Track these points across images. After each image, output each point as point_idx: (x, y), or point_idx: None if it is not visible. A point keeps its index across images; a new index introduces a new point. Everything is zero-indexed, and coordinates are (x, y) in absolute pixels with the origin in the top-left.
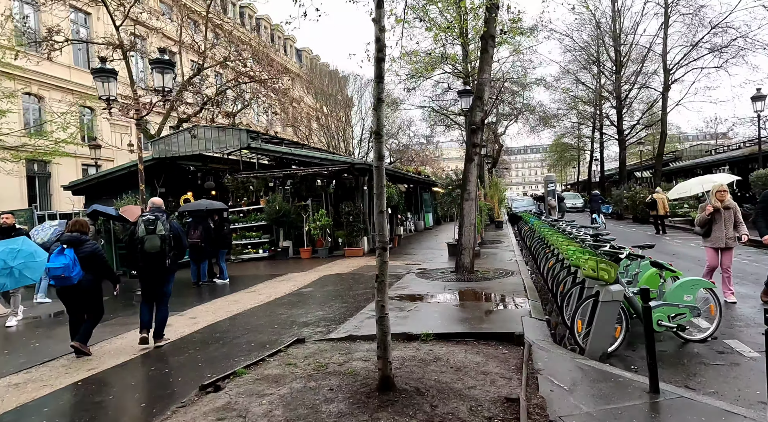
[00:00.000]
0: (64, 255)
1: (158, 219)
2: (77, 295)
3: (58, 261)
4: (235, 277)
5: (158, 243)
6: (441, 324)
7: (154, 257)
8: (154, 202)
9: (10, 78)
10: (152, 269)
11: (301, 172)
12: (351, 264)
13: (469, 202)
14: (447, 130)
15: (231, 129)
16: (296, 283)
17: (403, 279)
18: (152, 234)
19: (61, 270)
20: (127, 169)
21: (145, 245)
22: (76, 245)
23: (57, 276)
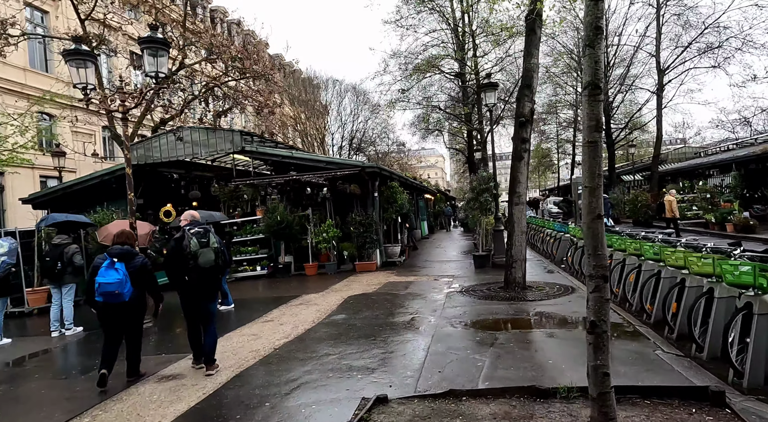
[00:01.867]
0: (116, 269)
1: (209, 232)
2: (124, 314)
3: (110, 277)
4: (237, 301)
5: (213, 257)
6: (567, 369)
7: (209, 272)
8: (194, 216)
9: None
10: (205, 286)
11: (305, 178)
12: (369, 281)
13: (520, 206)
14: (436, 135)
15: (222, 130)
16: (320, 308)
17: (452, 299)
18: (206, 248)
19: (116, 286)
20: (99, 178)
21: (199, 260)
22: (127, 259)
23: (109, 293)
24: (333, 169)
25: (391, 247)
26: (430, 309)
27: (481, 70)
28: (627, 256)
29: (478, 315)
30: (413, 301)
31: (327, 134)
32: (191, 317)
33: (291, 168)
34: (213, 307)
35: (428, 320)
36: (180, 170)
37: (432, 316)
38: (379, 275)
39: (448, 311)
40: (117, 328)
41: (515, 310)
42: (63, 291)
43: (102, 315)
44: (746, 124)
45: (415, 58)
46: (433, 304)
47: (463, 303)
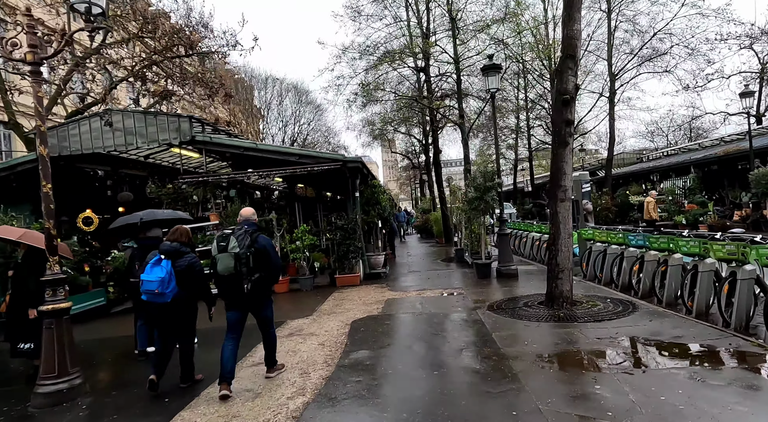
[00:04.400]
0: (161, 267)
1: (233, 234)
2: (168, 316)
3: (153, 274)
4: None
5: (231, 263)
6: None
7: (229, 281)
8: (242, 214)
9: None
10: (232, 295)
11: (274, 174)
12: (363, 299)
13: (565, 203)
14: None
15: (166, 115)
16: (323, 341)
17: (493, 321)
18: (224, 254)
19: (156, 284)
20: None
21: (218, 266)
22: (175, 257)
23: (150, 291)
24: (308, 163)
25: (374, 257)
26: (478, 338)
27: (462, 59)
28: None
29: (555, 346)
30: (444, 325)
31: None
32: (228, 325)
33: (253, 164)
34: (266, 313)
35: (495, 358)
36: (105, 167)
37: (492, 350)
38: (369, 290)
39: (506, 342)
40: (165, 330)
41: (595, 337)
42: None
43: (149, 315)
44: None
45: (374, 49)
46: (474, 330)
47: (512, 327)
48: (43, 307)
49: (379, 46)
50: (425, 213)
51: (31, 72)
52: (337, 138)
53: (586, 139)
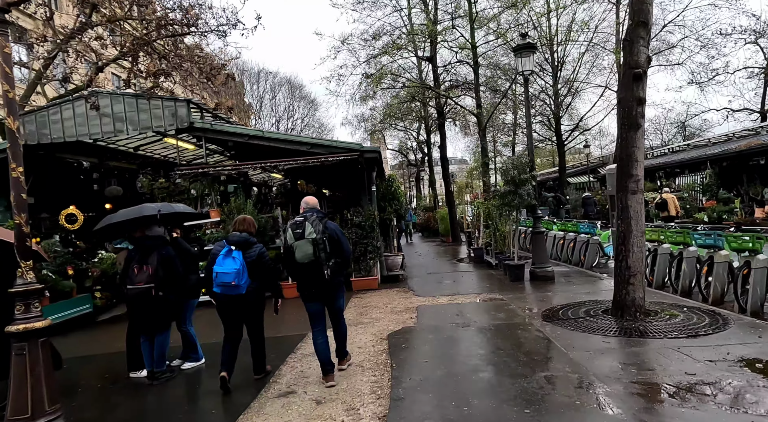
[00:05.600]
0: (233, 258)
1: (306, 220)
2: (242, 308)
3: (227, 266)
4: (205, 349)
5: (310, 250)
6: None
7: (309, 269)
8: (308, 202)
9: None
10: (311, 284)
11: (283, 165)
12: (389, 306)
13: (638, 195)
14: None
15: (161, 99)
16: (360, 361)
17: (557, 335)
18: (302, 240)
19: (233, 276)
20: None
21: (296, 254)
22: (245, 248)
23: (226, 284)
24: (320, 153)
25: (391, 257)
26: (554, 359)
27: (478, 45)
28: None
29: (666, 372)
30: (503, 342)
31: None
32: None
33: (258, 155)
34: (339, 304)
35: (593, 390)
36: (91, 158)
37: (584, 378)
38: (392, 295)
39: (593, 365)
40: (237, 324)
41: (704, 359)
42: None
43: (220, 309)
44: (656, 132)
45: (378, 38)
46: (543, 348)
47: (588, 343)
48: (12, 327)
49: (382, 35)
50: (427, 211)
51: None
52: (330, 134)
53: (586, 135)
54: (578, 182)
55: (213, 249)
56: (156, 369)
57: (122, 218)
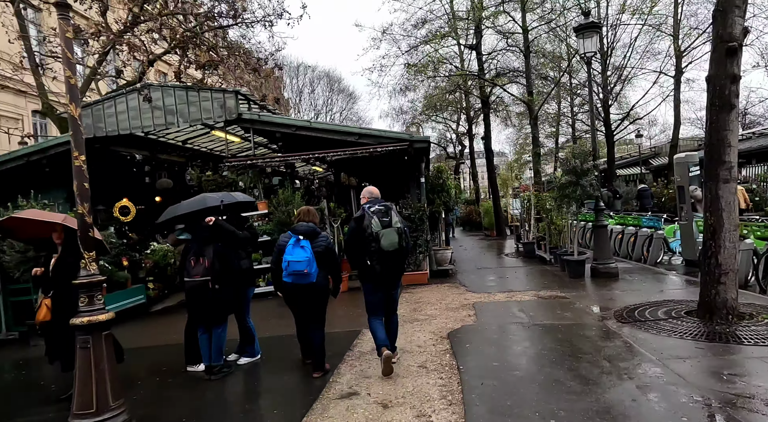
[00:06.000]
0: (302, 247)
1: (391, 210)
2: (312, 296)
3: (298, 255)
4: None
5: (396, 238)
6: None
7: (393, 257)
8: (373, 192)
9: None
10: (390, 271)
11: (331, 156)
12: (443, 302)
13: (730, 184)
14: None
15: (210, 90)
16: (422, 361)
17: (647, 343)
18: (389, 228)
19: (305, 264)
20: (25, 158)
21: (382, 242)
22: (312, 237)
23: (298, 272)
24: (369, 144)
25: (441, 252)
26: (641, 365)
27: (530, 28)
28: None
29: (760, 385)
30: (578, 344)
31: None
32: (373, 304)
33: (304, 146)
34: (397, 294)
35: (700, 405)
36: (143, 151)
37: (683, 389)
38: (444, 291)
39: (692, 373)
40: (303, 312)
41: None
42: None
43: (291, 298)
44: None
45: (420, 26)
46: (625, 352)
47: (679, 349)
48: (76, 320)
49: (424, 24)
50: (468, 205)
51: (57, 4)
52: (372, 125)
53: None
54: (628, 174)
55: (279, 241)
56: (214, 363)
57: (187, 210)
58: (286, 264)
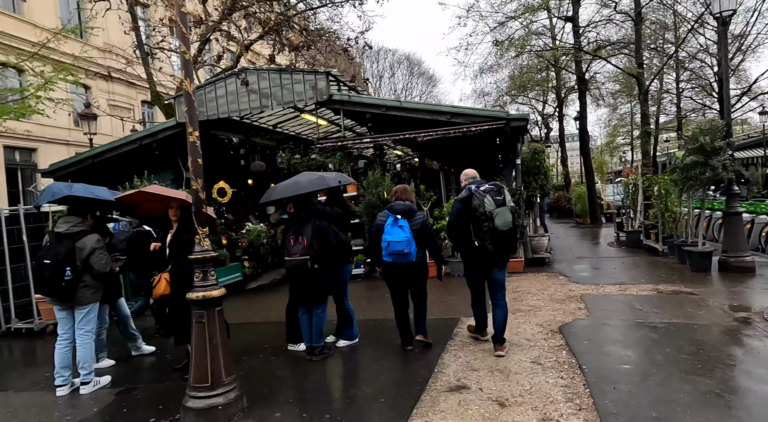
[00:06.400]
0: (400, 227)
1: (503, 188)
2: (412, 275)
3: (397, 234)
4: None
5: (510, 217)
6: None
7: (506, 236)
8: (468, 174)
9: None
10: (500, 251)
11: (423, 137)
12: (544, 292)
13: None
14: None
15: (302, 72)
16: (535, 356)
17: None
18: (503, 207)
19: (405, 244)
20: (138, 142)
21: (496, 221)
22: (409, 216)
23: (398, 252)
24: (462, 123)
25: (537, 239)
26: None
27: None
28: None
29: None
30: (726, 349)
31: None
32: (478, 286)
33: (393, 127)
34: (504, 275)
35: None
36: (238, 134)
37: None
38: (544, 280)
39: None
40: (405, 292)
41: None
42: (77, 317)
43: (390, 277)
44: None
45: (505, 5)
46: None
47: None
48: (192, 295)
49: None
50: (557, 190)
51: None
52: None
53: (761, 100)
54: (747, 157)
55: (377, 220)
56: (315, 344)
57: (310, 188)
58: (386, 244)
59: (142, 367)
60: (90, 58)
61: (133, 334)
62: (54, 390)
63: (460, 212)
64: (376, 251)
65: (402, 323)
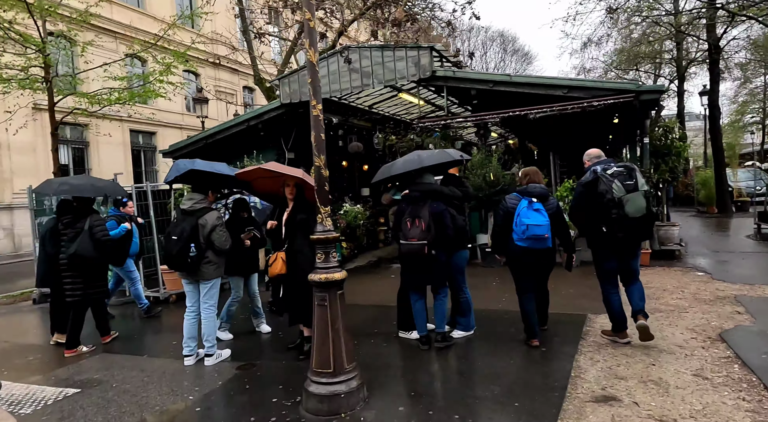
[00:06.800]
0: (538, 211)
1: (634, 171)
2: (546, 262)
3: (537, 219)
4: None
5: (644, 203)
6: None
7: (639, 223)
8: (591, 153)
9: (111, 35)
10: (631, 239)
11: (535, 114)
12: (684, 290)
13: None
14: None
15: (405, 47)
16: (696, 368)
17: None
18: (635, 193)
19: (546, 228)
20: (245, 123)
21: (626, 208)
22: (544, 200)
23: (538, 237)
24: (582, 98)
25: (665, 228)
26: None
27: None
28: None
29: None
30: None
31: None
32: (609, 276)
33: (499, 104)
34: (638, 264)
35: None
36: (337, 115)
37: None
38: (678, 276)
39: None
40: (533, 282)
41: None
42: (201, 291)
43: (523, 264)
44: None
45: None
46: None
47: None
48: (315, 276)
49: None
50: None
51: None
52: None
53: None
54: None
55: (507, 204)
56: (438, 330)
57: (433, 161)
58: (524, 227)
59: (257, 343)
60: (200, 45)
61: (257, 312)
62: (181, 359)
63: (583, 196)
64: (503, 236)
65: (529, 313)
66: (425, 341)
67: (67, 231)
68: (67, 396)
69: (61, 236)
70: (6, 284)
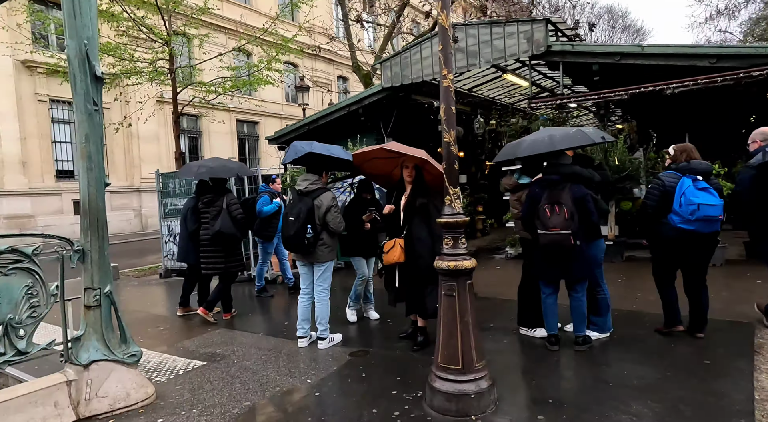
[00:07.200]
0: (706, 190)
1: None
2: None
3: (708, 198)
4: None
5: None
6: None
7: None
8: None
9: (221, 31)
10: None
11: (673, 88)
12: None
13: None
14: None
15: (517, 22)
16: None
17: None
18: None
19: (720, 208)
20: (346, 109)
21: None
22: (707, 178)
23: (711, 218)
24: (734, 68)
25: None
26: None
27: None
28: None
29: None
30: None
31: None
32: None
33: (624, 80)
34: None
35: None
36: (436, 99)
37: None
38: None
39: None
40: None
41: None
42: (315, 274)
43: (676, 251)
44: None
45: None
46: None
47: None
48: (442, 263)
49: None
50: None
51: None
52: None
53: None
54: None
55: (665, 182)
56: (578, 333)
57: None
58: (694, 207)
59: (367, 330)
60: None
61: (369, 297)
62: (295, 340)
63: (755, 181)
64: (654, 218)
65: (673, 302)
66: (555, 341)
67: (208, 209)
68: (195, 368)
69: (202, 214)
70: (135, 259)
